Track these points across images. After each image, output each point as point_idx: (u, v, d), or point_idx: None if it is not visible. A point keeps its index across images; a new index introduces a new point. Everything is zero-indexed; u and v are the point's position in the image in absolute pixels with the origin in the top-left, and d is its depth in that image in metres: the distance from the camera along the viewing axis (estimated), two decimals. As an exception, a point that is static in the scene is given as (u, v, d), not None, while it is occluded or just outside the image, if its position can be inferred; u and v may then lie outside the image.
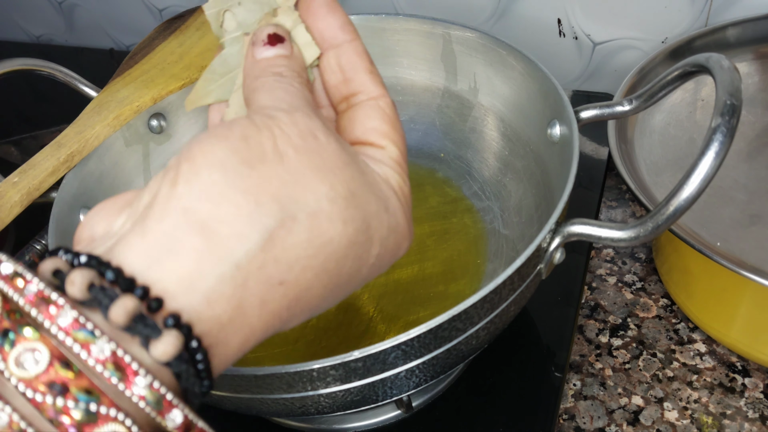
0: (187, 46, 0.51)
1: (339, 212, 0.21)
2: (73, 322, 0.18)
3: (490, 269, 0.47)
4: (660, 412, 0.44)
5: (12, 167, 0.42)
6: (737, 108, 0.31)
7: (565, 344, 0.45)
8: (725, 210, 0.43)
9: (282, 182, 0.21)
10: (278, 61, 0.25)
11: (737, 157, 0.46)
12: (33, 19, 0.87)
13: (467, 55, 0.50)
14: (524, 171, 0.48)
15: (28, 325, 0.18)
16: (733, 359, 0.46)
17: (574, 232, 0.35)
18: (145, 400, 0.18)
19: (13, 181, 0.41)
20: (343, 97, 0.26)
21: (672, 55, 0.53)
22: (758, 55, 0.53)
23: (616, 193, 0.59)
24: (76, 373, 0.18)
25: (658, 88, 0.39)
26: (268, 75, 0.24)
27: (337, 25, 0.26)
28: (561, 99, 0.41)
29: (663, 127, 0.50)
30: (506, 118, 0.50)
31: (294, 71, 0.25)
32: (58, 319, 0.18)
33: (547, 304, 0.47)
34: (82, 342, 0.18)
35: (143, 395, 0.18)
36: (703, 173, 0.31)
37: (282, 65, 0.25)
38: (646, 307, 0.50)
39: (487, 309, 0.33)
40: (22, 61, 0.48)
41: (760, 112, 0.49)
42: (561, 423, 0.44)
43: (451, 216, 0.51)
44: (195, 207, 0.20)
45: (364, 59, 0.26)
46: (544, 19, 0.62)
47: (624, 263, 0.53)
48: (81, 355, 0.18)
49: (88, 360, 0.18)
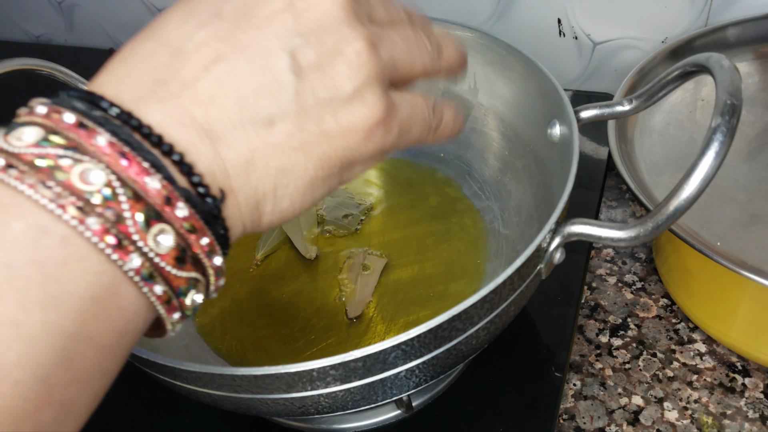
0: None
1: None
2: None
3: (490, 269, 0.47)
4: (660, 412, 0.44)
5: (12, 167, 0.42)
6: (737, 108, 0.31)
7: (565, 344, 0.45)
8: (725, 210, 0.43)
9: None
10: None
11: (737, 157, 0.46)
12: (33, 18, 0.87)
13: (467, 55, 0.50)
14: (524, 171, 0.48)
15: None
16: (733, 359, 0.46)
17: (574, 232, 0.35)
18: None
19: (12, 181, 0.41)
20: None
21: (672, 54, 0.53)
22: (758, 54, 0.53)
23: (616, 193, 0.59)
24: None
25: (658, 88, 0.39)
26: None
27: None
28: (561, 99, 0.41)
29: (663, 127, 0.50)
30: (506, 118, 0.50)
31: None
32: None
33: (547, 304, 0.47)
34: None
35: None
36: (703, 173, 0.31)
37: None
38: (646, 307, 0.50)
39: (487, 309, 0.33)
40: (22, 61, 0.48)
41: (760, 112, 0.49)
42: (561, 423, 0.44)
43: (451, 216, 0.51)
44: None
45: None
46: (544, 19, 0.62)
47: (624, 263, 0.53)
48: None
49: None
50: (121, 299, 0.19)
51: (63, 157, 0.18)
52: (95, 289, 0.18)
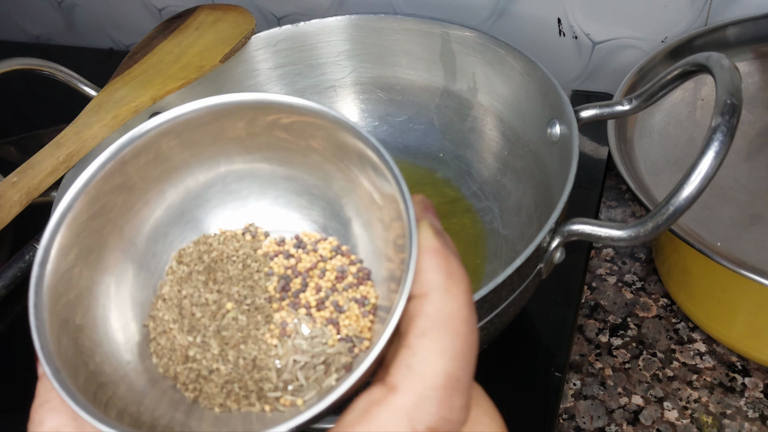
0: (186, 45, 0.51)
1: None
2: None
3: (489, 269, 0.47)
4: (660, 411, 0.44)
5: (11, 167, 0.42)
6: (737, 107, 0.31)
7: (564, 344, 0.45)
8: (725, 210, 0.43)
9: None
10: None
11: (737, 157, 0.46)
12: (32, 18, 0.87)
13: (466, 54, 0.50)
14: (524, 171, 0.48)
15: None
16: (733, 359, 0.46)
17: (574, 232, 0.35)
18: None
19: (12, 181, 0.41)
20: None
21: (672, 54, 0.53)
22: (758, 54, 0.53)
23: (615, 192, 0.59)
24: None
25: (658, 88, 0.39)
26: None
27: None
28: (560, 98, 0.41)
29: (663, 127, 0.50)
30: (505, 117, 0.50)
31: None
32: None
33: (547, 304, 0.47)
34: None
35: None
36: (703, 173, 0.31)
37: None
38: (646, 307, 0.50)
39: (487, 309, 0.33)
40: (22, 61, 0.48)
41: (761, 112, 0.49)
42: (561, 423, 0.44)
43: (450, 216, 0.51)
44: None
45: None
46: (544, 19, 0.62)
47: (624, 263, 0.53)
48: None
49: None
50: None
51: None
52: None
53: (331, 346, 0.24)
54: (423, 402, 0.19)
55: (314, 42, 0.54)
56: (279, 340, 0.24)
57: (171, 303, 0.25)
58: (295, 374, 0.24)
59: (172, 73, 0.48)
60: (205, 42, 0.50)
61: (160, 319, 0.25)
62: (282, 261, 0.26)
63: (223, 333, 0.25)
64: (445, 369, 0.19)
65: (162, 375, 0.24)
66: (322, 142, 0.25)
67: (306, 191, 0.27)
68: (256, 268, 0.26)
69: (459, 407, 0.20)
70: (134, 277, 0.26)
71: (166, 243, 0.27)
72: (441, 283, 0.20)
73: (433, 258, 0.21)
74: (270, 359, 0.24)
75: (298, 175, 0.27)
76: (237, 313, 0.25)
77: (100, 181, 0.24)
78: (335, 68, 0.55)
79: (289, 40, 0.53)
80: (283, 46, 0.53)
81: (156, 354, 0.25)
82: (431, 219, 0.22)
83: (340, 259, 0.26)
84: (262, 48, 0.53)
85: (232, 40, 0.50)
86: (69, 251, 0.23)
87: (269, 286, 0.26)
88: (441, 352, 0.19)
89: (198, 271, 0.26)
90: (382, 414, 0.19)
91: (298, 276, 0.26)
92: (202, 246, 0.27)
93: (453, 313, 0.20)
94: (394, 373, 0.20)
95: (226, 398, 0.24)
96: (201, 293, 0.25)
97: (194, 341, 0.24)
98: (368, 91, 0.56)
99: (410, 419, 0.19)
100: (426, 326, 0.20)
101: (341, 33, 0.53)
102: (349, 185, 0.26)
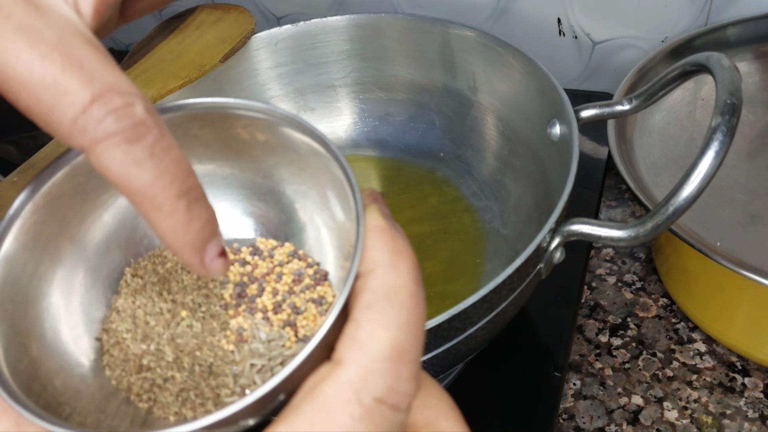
0: (187, 45, 0.51)
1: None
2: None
3: (489, 269, 0.47)
4: (660, 411, 0.44)
5: (12, 167, 0.42)
6: (737, 107, 0.31)
7: (564, 344, 0.45)
8: (725, 210, 0.43)
9: None
10: None
11: (737, 157, 0.46)
12: (32, 18, 0.87)
13: (466, 54, 0.50)
14: (523, 170, 0.48)
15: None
16: (732, 359, 0.46)
17: (574, 232, 0.35)
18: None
19: (12, 181, 0.41)
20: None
21: (672, 54, 0.53)
22: (758, 54, 0.53)
23: (615, 192, 0.59)
24: None
25: (658, 88, 0.39)
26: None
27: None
28: (560, 98, 0.41)
29: (663, 127, 0.50)
30: (505, 117, 0.50)
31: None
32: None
33: (547, 304, 0.47)
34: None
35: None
36: (703, 173, 0.31)
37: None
38: (646, 307, 0.50)
39: (487, 309, 0.33)
40: (21, 61, 0.48)
41: (761, 112, 0.49)
42: (561, 423, 0.44)
43: (450, 216, 0.51)
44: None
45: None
46: (544, 18, 0.62)
47: (624, 263, 0.53)
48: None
49: None
50: None
51: None
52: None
53: (288, 348, 0.24)
54: (369, 374, 0.19)
55: (314, 41, 0.54)
56: (236, 346, 0.24)
57: (125, 314, 0.25)
58: (252, 378, 0.23)
59: (173, 72, 0.48)
60: (205, 41, 0.50)
61: (114, 331, 0.25)
62: (238, 269, 0.26)
63: (177, 341, 0.24)
64: (390, 340, 0.19)
65: (115, 387, 0.24)
66: (275, 143, 0.25)
67: (260, 197, 0.27)
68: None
69: (406, 378, 0.19)
70: (87, 291, 0.25)
71: (120, 256, 0.26)
72: (387, 259, 0.20)
73: (379, 236, 0.21)
74: (227, 365, 0.24)
75: (253, 179, 0.27)
76: (192, 320, 0.25)
77: (51, 188, 0.23)
78: (335, 68, 0.55)
79: (290, 40, 0.53)
80: (284, 46, 0.53)
81: (109, 366, 0.24)
82: (380, 207, 0.22)
83: (296, 263, 0.26)
84: (262, 47, 0.53)
85: (233, 39, 0.50)
86: (16, 258, 0.23)
87: (225, 293, 0.25)
88: (386, 324, 0.19)
89: (152, 282, 0.26)
90: (328, 389, 0.19)
91: (254, 282, 0.26)
92: (156, 258, 0.26)
93: (398, 287, 0.20)
94: (339, 348, 0.19)
95: (181, 406, 0.23)
96: (155, 303, 0.25)
97: (148, 349, 0.24)
98: (368, 90, 0.56)
99: (356, 392, 0.18)
100: (371, 300, 0.20)
101: (341, 32, 0.53)
102: (303, 187, 0.26)
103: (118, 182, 0.19)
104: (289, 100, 0.56)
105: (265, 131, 0.24)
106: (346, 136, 0.57)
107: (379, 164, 0.56)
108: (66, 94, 0.18)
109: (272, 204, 0.27)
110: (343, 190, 0.23)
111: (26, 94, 0.18)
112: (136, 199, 0.19)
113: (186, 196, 0.20)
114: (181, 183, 0.19)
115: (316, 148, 0.23)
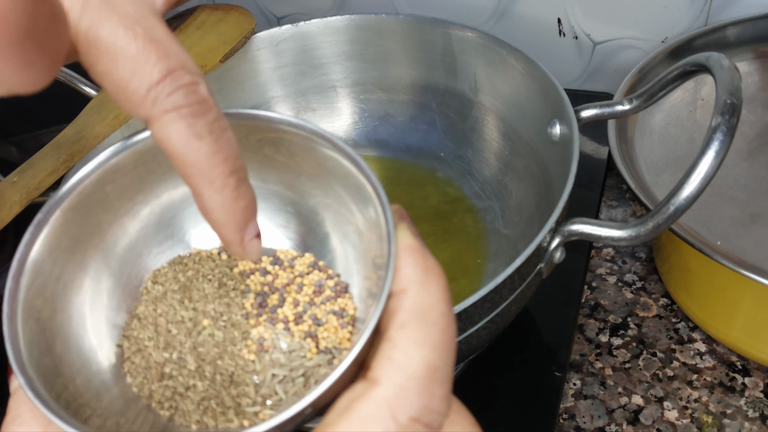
0: (187, 45, 0.51)
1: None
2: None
3: (490, 269, 0.47)
4: (660, 411, 0.44)
5: (12, 167, 0.42)
6: (737, 107, 0.31)
7: (565, 344, 0.45)
8: (725, 209, 0.43)
9: None
10: None
11: (737, 156, 0.46)
12: (33, 19, 0.87)
13: (467, 54, 0.50)
14: (525, 170, 0.48)
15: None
16: (733, 358, 0.46)
17: (575, 232, 0.35)
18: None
19: (12, 181, 0.41)
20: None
21: (672, 54, 0.53)
22: (758, 54, 0.53)
23: (616, 192, 0.59)
24: None
25: (658, 88, 0.39)
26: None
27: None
28: (561, 98, 0.41)
29: (663, 127, 0.50)
30: (506, 117, 0.50)
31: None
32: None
33: (548, 304, 0.47)
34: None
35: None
36: (703, 172, 0.31)
37: None
38: (647, 307, 0.50)
39: (488, 308, 0.33)
40: (22, 61, 0.48)
41: (760, 112, 0.49)
42: (561, 422, 0.44)
43: (451, 216, 0.51)
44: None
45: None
46: (544, 19, 0.62)
47: (624, 263, 0.53)
48: None
49: None
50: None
51: None
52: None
53: (309, 359, 0.24)
54: (404, 392, 0.19)
55: (315, 42, 0.54)
56: (257, 356, 0.24)
57: (146, 322, 0.25)
58: (273, 388, 0.23)
59: (174, 73, 0.48)
60: (206, 42, 0.50)
61: (135, 338, 0.25)
62: (258, 278, 0.26)
63: (199, 349, 0.24)
64: (424, 359, 0.19)
65: (136, 395, 0.24)
66: (300, 156, 0.25)
67: (282, 208, 0.27)
68: (232, 285, 0.26)
69: (440, 397, 0.19)
70: (108, 298, 0.25)
71: (141, 263, 0.26)
72: (418, 278, 0.21)
73: (410, 255, 0.21)
74: (248, 374, 0.24)
75: (275, 191, 0.27)
76: (213, 329, 0.25)
77: (75, 199, 0.23)
78: (336, 68, 0.55)
79: (290, 40, 0.53)
80: (284, 46, 0.54)
81: (130, 373, 0.24)
82: (409, 225, 0.22)
83: (317, 274, 0.26)
84: (263, 48, 0.53)
85: (233, 39, 0.50)
86: (43, 266, 0.23)
87: (246, 302, 0.25)
88: (420, 343, 0.19)
89: (173, 290, 0.26)
90: (363, 407, 0.19)
91: (275, 292, 0.26)
92: (177, 266, 0.26)
93: (431, 306, 0.20)
94: (374, 367, 0.19)
95: (202, 415, 0.23)
96: (176, 311, 0.25)
97: (170, 358, 0.24)
98: (369, 91, 0.56)
99: (392, 410, 0.19)
100: (405, 319, 0.20)
101: (342, 33, 0.53)
102: (326, 200, 0.26)
103: (177, 153, 0.20)
104: (289, 101, 0.56)
105: (291, 145, 0.24)
106: (346, 137, 0.57)
107: (380, 165, 0.56)
108: (146, 64, 0.19)
109: (293, 215, 0.27)
110: (364, 204, 0.23)
111: (108, 60, 0.19)
112: (191, 171, 0.20)
113: (236, 174, 0.21)
114: (233, 162, 0.20)
115: (344, 164, 0.23)
